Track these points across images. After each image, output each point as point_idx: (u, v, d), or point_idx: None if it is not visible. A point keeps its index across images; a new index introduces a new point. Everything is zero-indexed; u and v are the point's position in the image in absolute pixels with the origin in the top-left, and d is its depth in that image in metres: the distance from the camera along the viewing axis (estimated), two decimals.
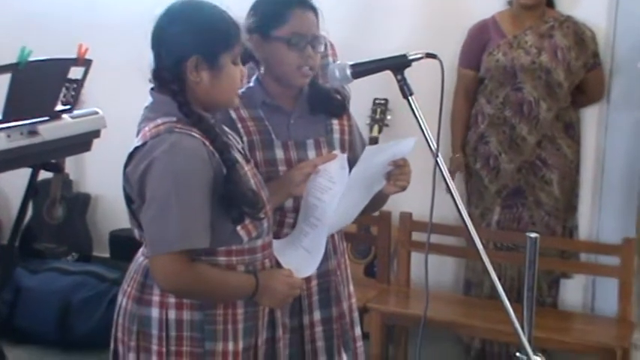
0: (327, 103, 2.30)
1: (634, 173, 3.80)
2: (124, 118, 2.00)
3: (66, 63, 2.77)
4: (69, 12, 4.74)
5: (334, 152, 2.21)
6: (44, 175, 4.27)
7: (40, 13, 4.79)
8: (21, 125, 2.66)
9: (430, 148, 1.91)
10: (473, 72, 3.81)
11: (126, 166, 1.93)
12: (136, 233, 2.01)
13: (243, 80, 2.06)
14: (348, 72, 2.02)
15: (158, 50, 1.94)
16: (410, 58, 1.97)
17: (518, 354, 1.86)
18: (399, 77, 1.96)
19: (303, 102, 2.27)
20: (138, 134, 1.94)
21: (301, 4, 2.19)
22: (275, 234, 2.17)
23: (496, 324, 3.31)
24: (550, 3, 3.75)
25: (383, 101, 4.04)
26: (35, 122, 2.70)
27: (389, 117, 4.04)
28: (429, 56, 1.95)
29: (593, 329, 3.54)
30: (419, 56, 1.97)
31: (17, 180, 3.19)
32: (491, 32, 3.75)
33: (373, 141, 3.91)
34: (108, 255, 4.74)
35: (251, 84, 2.27)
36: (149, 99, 1.98)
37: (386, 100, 4.03)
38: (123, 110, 2.03)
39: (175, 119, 1.90)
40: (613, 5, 3.79)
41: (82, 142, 3.00)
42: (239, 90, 2.05)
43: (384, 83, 2.01)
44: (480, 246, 1.86)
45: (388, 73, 2.00)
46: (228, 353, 1.98)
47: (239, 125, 2.19)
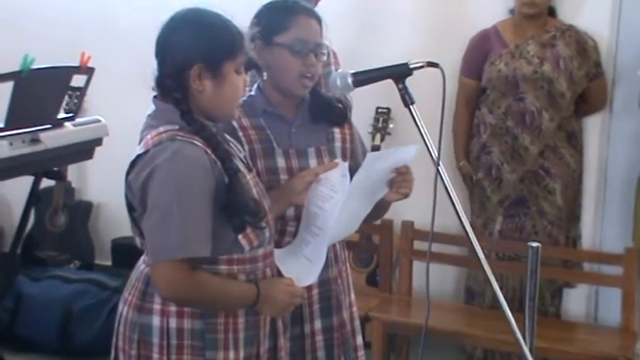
0: (329, 112, 2.30)
1: (637, 182, 3.79)
2: (127, 126, 2.00)
3: (68, 71, 2.78)
4: (72, 20, 4.74)
5: (336, 161, 2.21)
6: (47, 183, 4.27)
7: (43, 22, 4.80)
8: (23, 133, 2.66)
9: (431, 157, 1.91)
10: (474, 81, 3.80)
11: (128, 174, 1.93)
12: (138, 241, 2.01)
13: (246, 89, 2.07)
14: (350, 80, 2.02)
15: (162, 58, 1.94)
16: (411, 67, 1.98)
17: None
18: (401, 86, 1.97)
19: (304, 110, 2.27)
20: (140, 142, 1.94)
21: (306, 13, 2.20)
22: (276, 242, 2.16)
23: (498, 333, 3.30)
24: (552, 12, 3.75)
25: (385, 110, 4.04)
26: (37, 130, 2.70)
27: (391, 125, 4.04)
28: (431, 65, 1.96)
29: (596, 339, 3.53)
30: (420, 65, 1.98)
31: (20, 187, 3.19)
32: (492, 41, 3.74)
33: (375, 149, 3.90)
34: (110, 263, 4.73)
35: (252, 92, 2.27)
36: (152, 107, 1.98)
37: (388, 109, 4.03)
38: (126, 118, 2.03)
39: (178, 127, 1.90)
40: (615, 14, 3.80)
41: (85, 150, 3.01)
42: (241, 99, 2.05)
43: (387, 92, 2.01)
44: (482, 255, 1.86)
45: (390, 82, 2.00)
46: None
47: (240, 134, 2.19)
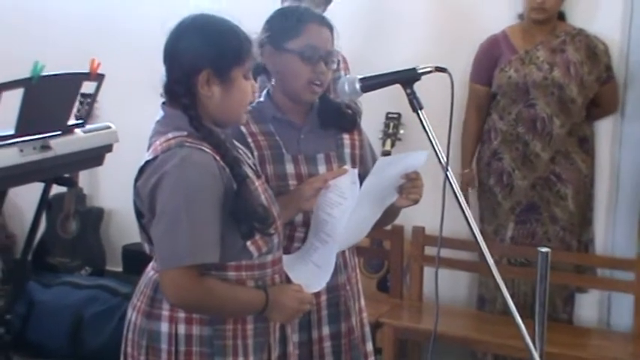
0: (338, 118, 2.29)
1: None
2: (139, 133, 2.00)
3: (78, 78, 2.78)
4: (82, 27, 4.76)
5: (345, 167, 2.21)
6: (58, 190, 4.28)
7: (54, 29, 4.82)
8: (33, 140, 2.66)
9: (440, 162, 1.90)
10: (484, 87, 3.78)
11: (136, 180, 1.93)
12: (146, 247, 2.01)
13: (254, 95, 2.06)
14: (357, 86, 2.02)
15: (170, 64, 1.94)
16: (419, 72, 1.97)
17: None
18: (409, 91, 1.97)
19: (313, 116, 2.27)
20: (149, 148, 1.94)
21: (317, 20, 2.20)
22: (285, 248, 2.16)
23: (509, 339, 3.28)
24: (561, 16, 3.72)
25: (396, 115, 4.03)
26: (48, 137, 2.71)
27: (402, 131, 4.02)
28: (439, 70, 1.95)
29: (608, 345, 3.51)
30: (428, 70, 1.97)
31: (31, 194, 3.20)
32: (502, 47, 3.72)
33: (386, 155, 3.89)
34: (121, 269, 4.74)
35: (261, 98, 2.27)
36: (160, 113, 1.98)
37: (399, 115, 4.02)
38: (137, 125, 2.03)
39: (186, 133, 1.90)
40: (627, 17, 3.77)
41: (95, 157, 3.01)
42: (250, 104, 2.05)
43: (397, 97, 2.00)
44: (491, 260, 1.85)
45: (400, 87, 1.99)
46: None
47: (249, 140, 2.18)
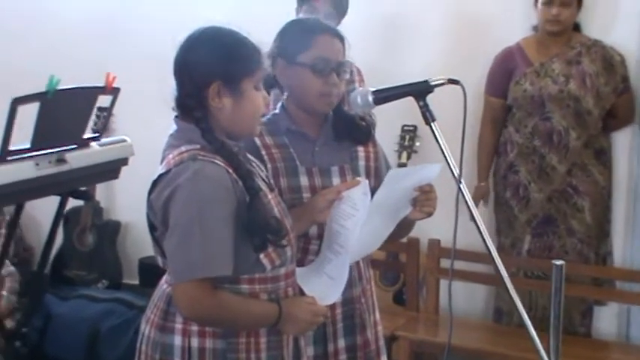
0: (352, 130, 2.29)
1: None
2: (156, 146, 2.00)
3: (94, 91, 2.78)
4: (97, 41, 4.80)
5: (358, 178, 2.20)
6: (75, 203, 4.30)
7: (69, 43, 4.86)
8: (49, 153, 2.67)
9: (453, 175, 1.89)
10: (500, 100, 3.78)
11: (150, 193, 1.94)
12: (160, 261, 2.01)
13: (269, 106, 2.06)
14: (370, 98, 2.02)
15: (180, 78, 1.95)
16: (432, 84, 1.97)
17: None
18: (422, 103, 1.96)
19: (327, 129, 2.26)
20: (162, 161, 1.95)
21: (327, 31, 2.19)
22: (299, 261, 2.16)
23: (525, 352, 3.22)
24: (577, 27, 3.70)
25: (411, 128, 4.03)
26: (63, 150, 2.71)
27: (417, 143, 4.02)
28: (451, 82, 1.94)
29: (627, 358, 3.47)
30: (441, 82, 1.97)
31: (49, 207, 3.20)
32: (517, 59, 3.71)
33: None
34: (137, 282, 4.75)
35: (276, 110, 2.27)
36: (173, 126, 1.99)
37: (414, 127, 4.01)
38: (155, 138, 2.03)
39: (199, 147, 1.90)
40: None
41: (110, 170, 3.00)
42: (263, 116, 2.05)
43: (412, 110, 1.99)
44: (504, 272, 1.84)
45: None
46: None
47: (263, 152, 2.18)
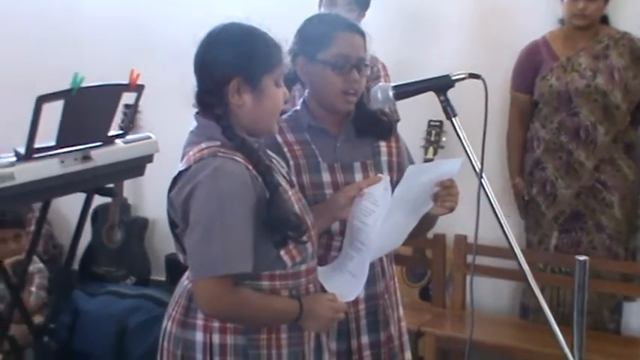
0: (374, 126, 2.28)
1: None
2: (183, 143, 2.01)
3: (118, 89, 2.79)
4: (122, 38, 4.82)
5: (379, 175, 2.19)
6: (103, 200, 4.33)
7: (93, 40, 4.89)
8: (74, 151, 2.68)
9: (474, 169, 1.88)
10: (526, 95, 3.74)
11: (170, 190, 1.94)
12: (181, 257, 2.01)
13: (288, 102, 2.06)
14: (391, 93, 2.00)
15: (200, 75, 1.95)
16: (453, 79, 1.96)
17: None
18: (442, 98, 1.95)
19: (349, 125, 2.26)
20: (182, 158, 1.95)
21: (347, 27, 2.18)
22: (322, 257, 2.15)
23: (551, 349, 3.20)
24: (605, 20, 3.64)
25: (438, 123, 4.01)
26: (88, 147, 2.73)
27: (444, 139, 4.00)
28: (473, 76, 1.93)
29: None
30: (462, 76, 1.95)
31: (78, 204, 3.23)
32: (543, 54, 3.66)
33: None
34: (164, 278, 4.77)
35: (298, 107, 2.27)
36: (194, 123, 1.99)
37: (441, 122, 3.99)
38: (182, 134, 2.04)
39: (219, 143, 1.90)
40: None
41: (135, 167, 3.01)
42: (282, 113, 2.04)
43: (438, 105, 1.98)
44: (527, 267, 1.82)
45: None
46: None
47: (285, 149, 2.18)
